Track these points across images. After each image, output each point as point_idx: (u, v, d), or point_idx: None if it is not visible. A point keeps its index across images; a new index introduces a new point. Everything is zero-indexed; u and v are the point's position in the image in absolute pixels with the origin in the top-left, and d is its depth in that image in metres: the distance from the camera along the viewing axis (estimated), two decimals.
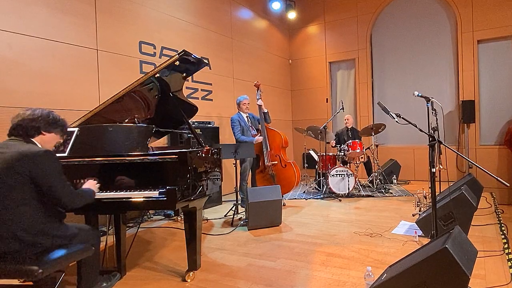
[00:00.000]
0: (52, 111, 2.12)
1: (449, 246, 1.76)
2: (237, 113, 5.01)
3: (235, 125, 4.87)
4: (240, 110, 5.00)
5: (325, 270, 2.80)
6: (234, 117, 4.93)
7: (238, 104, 5.00)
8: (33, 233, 1.86)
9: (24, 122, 1.99)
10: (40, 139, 2.04)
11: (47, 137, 2.07)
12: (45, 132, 2.05)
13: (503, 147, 6.28)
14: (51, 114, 2.09)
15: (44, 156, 1.90)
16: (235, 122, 4.88)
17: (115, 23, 4.49)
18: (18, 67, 3.50)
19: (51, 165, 1.92)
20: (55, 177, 1.92)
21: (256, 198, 3.97)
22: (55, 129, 2.10)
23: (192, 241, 2.70)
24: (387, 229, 3.81)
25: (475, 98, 6.55)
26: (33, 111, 2.04)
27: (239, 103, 4.98)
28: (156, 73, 2.79)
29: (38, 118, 2.02)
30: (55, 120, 2.10)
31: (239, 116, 4.94)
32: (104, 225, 3.64)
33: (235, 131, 4.86)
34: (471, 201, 3.24)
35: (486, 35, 6.46)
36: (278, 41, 8.27)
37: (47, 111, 2.08)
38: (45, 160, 1.90)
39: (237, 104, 5.03)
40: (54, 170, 1.93)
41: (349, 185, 5.52)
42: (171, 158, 2.39)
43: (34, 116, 2.02)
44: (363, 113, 7.77)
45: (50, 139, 2.09)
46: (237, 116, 4.94)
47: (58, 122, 2.12)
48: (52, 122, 2.08)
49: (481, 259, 2.84)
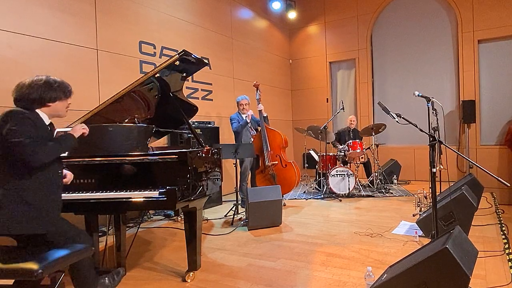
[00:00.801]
0: (49, 76, 2.03)
1: (450, 246, 1.76)
2: (237, 112, 5.01)
3: (233, 122, 4.92)
4: (238, 110, 5.01)
5: (325, 270, 2.80)
6: (234, 116, 4.96)
7: (237, 103, 5.01)
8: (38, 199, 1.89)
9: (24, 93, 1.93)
10: (47, 110, 1.99)
11: (54, 107, 2.01)
12: (51, 103, 1.99)
13: (503, 147, 6.28)
14: (50, 79, 2.01)
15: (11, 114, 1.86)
16: (234, 120, 4.93)
17: (115, 23, 4.49)
18: (18, 67, 3.50)
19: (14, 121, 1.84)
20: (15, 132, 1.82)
21: (256, 198, 3.96)
22: (61, 95, 2.03)
23: (192, 241, 2.70)
24: (388, 229, 3.81)
25: (475, 98, 6.54)
26: (32, 80, 1.95)
27: (238, 103, 5.00)
28: (156, 73, 2.78)
29: (40, 86, 1.94)
30: (58, 86, 2.02)
31: (238, 115, 4.96)
32: (104, 225, 3.64)
33: (232, 125, 4.91)
34: (471, 201, 3.24)
35: (486, 35, 6.45)
36: (278, 41, 8.26)
37: (44, 77, 1.99)
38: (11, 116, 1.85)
39: (237, 103, 5.04)
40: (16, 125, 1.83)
41: (349, 185, 5.51)
42: (171, 158, 2.39)
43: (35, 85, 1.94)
44: (364, 113, 7.76)
45: (57, 108, 2.03)
46: (236, 115, 4.96)
47: (62, 87, 2.04)
48: (57, 89, 2.00)
49: (482, 259, 2.84)
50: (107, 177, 2.43)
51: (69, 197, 2.34)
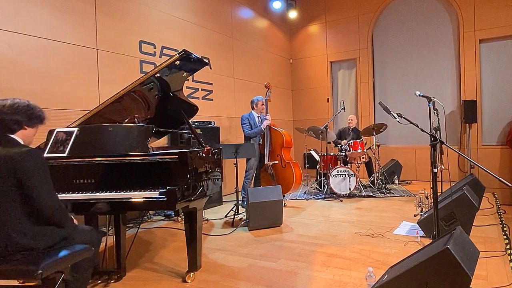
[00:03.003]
0: (29, 101, 1.97)
1: (451, 246, 1.75)
2: (249, 112, 5.03)
3: (244, 123, 4.92)
4: (255, 110, 5.02)
5: (326, 271, 2.79)
6: (245, 116, 4.98)
7: (256, 104, 5.02)
8: (29, 236, 1.84)
9: (6, 116, 1.85)
10: (21, 134, 1.92)
11: (28, 132, 1.95)
12: (27, 127, 1.93)
13: (505, 147, 6.25)
14: (30, 105, 1.94)
15: (29, 156, 1.82)
16: (244, 120, 4.94)
17: (115, 23, 4.48)
18: (17, 67, 3.49)
19: (35, 165, 1.82)
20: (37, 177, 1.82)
21: (257, 199, 3.95)
22: (36, 123, 1.98)
23: (192, 242, 2.69)
24: (389, 230, 3.80)
25: (477, 98, 6.52)
26: (13, 102, 1.88)
27: (257, 103, 5.01)
28: (156, 72, 2.78)
29: (21, 110, 1.89)
30: (36, 113, 1.97)
31: (249, 115, 4.99)
32: (104, 226, 3.63)
33: (245, 129, 4.91)
34: (473, 201, 3.22)
35: (488, 35, 6.43)
36: (279, 40, 8.25)
37: (25, 102, 1.93)
38: (30, 159, 1.82)
39: (253, 103, 5.05)
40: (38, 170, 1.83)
41: (350, 185, 5.50)
42: (171, 158, 2.38)
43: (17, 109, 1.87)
44: (365, 113, 7.75)
45: (30, 134, 1.98)
46: (248, 115, 4.98)
47: (39, 115, 1.99)
48: (34, 117, 1.96)
49: (483, 260, 2.83)
50: (107, 177, 2.42)
51: (69, 197, 2.34)
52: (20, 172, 1.79)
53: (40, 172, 1.84)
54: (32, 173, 1.81)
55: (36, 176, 1.82)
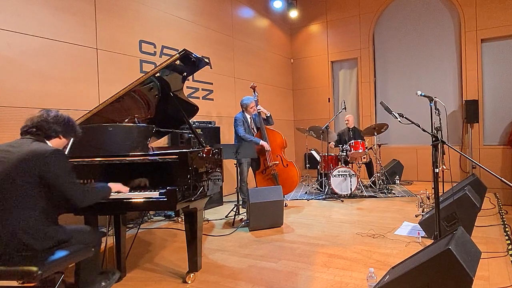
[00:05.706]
0: (69, 116, 2.16)
1: (453, 247, 1.74)
2: (241, 112, 4.96)
3: (238, 124, 4.81)
4: (247, 112, 4.94)
5: (327, 271, 2.78)
6: (238, 116, 4.87)
7: (246, 107, 4.89)
8: (35, 236, 1.84)
9: (47, 124, 2.02)
10: (55, 142, 2.07)
11: (61, 141, 2.12)
12: (62, 137, 2.10)
13: (507, 147, 6.24)
14: (70, 119, 2.14)
15: (54, 155, 1.91)
16: (239, 121, 4.82)
17: (115, 22, 4.48)
18: (17, 67, 3.49)
19: (61, 164, 1.93)
20: (64, 177, 1.93)
21: (258, 199, 3.94)
22: (71, 135, 2.16)
23: (192, 242, 2.68)
24: (390, 230, 3.78)
25: (478, 97, 6.50)
26: (56, 114, 2.07)
27: (247, 107, 4.88)
28: (156, 72, 2.76)
29: (61, 122, 2.06)
30: (73, 127, 2.15)
31: (243, 115, 4.91)
32: (104, 226, 3.62)
33: (239, 130, 4.79)
34: (474, 201, 3.21)
35: (490, 34, 6.41)
36: (280, 40, 8.24)
37: (67, 116, 2.13)
38: (55, 159, 1.90)
39: (243, 106, 4.92)
40: (64, 169, 1.94)
41: (351, 185, 5.48)
42: (171, 158, 2.37)
43: (58, 120, 2.06)
44: (366, 113, 7.73)
45: (62, 143, 2.14)
46: (241, 115, 4.89)
47: (75, 129, 2.17)
48: (71, 130, 2.14)
49: (485, 261, 2.81)
50: (107, 178, 2.41)
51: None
52: (44, 170, 1.86)
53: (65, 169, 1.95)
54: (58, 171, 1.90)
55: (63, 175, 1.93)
